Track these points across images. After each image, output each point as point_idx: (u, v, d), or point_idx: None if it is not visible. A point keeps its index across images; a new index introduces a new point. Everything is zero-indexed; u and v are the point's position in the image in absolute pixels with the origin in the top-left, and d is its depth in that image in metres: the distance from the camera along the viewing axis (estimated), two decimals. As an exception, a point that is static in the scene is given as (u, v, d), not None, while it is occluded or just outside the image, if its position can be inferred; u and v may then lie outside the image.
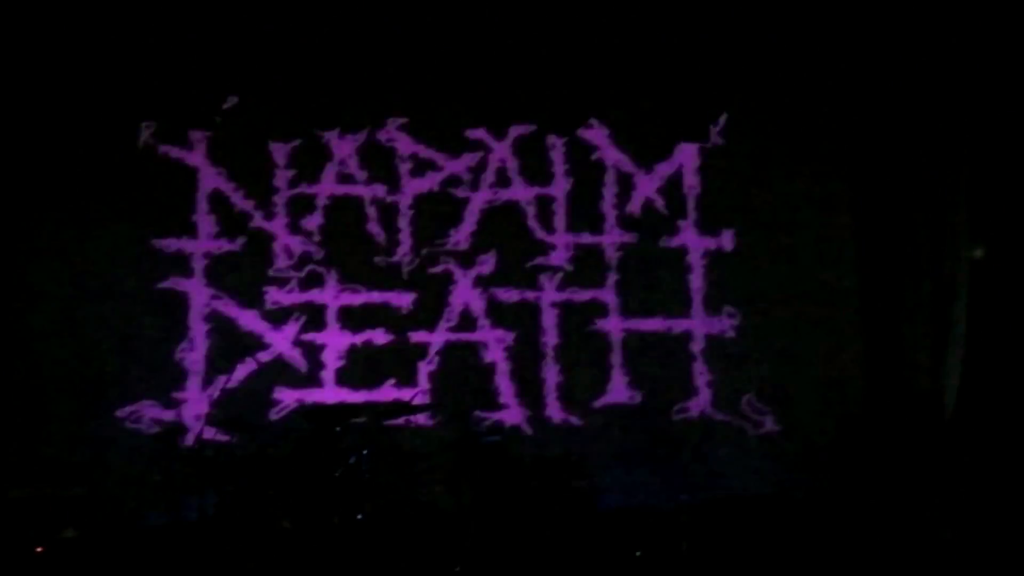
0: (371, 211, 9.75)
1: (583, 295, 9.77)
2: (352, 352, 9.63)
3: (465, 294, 9.73)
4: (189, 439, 8.89)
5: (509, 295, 9.74)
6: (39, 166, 9.53)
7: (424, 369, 9.62)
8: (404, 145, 9.83)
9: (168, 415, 9.34)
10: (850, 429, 9.35)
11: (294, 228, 9.70)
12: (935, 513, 8.23)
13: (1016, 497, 8.28)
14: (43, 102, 9.54)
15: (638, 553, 7.86)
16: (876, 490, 8.62)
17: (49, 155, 9.53)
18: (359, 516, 7.71)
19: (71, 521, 8.25)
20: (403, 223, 9.76)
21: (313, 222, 9.71)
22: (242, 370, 9.37)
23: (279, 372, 9.55)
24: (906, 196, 9.77)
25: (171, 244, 9.58)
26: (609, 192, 9.89)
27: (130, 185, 9.57)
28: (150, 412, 9.37)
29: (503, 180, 9.86)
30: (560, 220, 9.85)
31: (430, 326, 9.68)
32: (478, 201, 9.83)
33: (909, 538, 8.01)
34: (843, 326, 9.80)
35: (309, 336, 9.62)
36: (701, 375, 9.71)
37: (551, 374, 9.68)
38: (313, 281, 9.68)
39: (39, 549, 7.93)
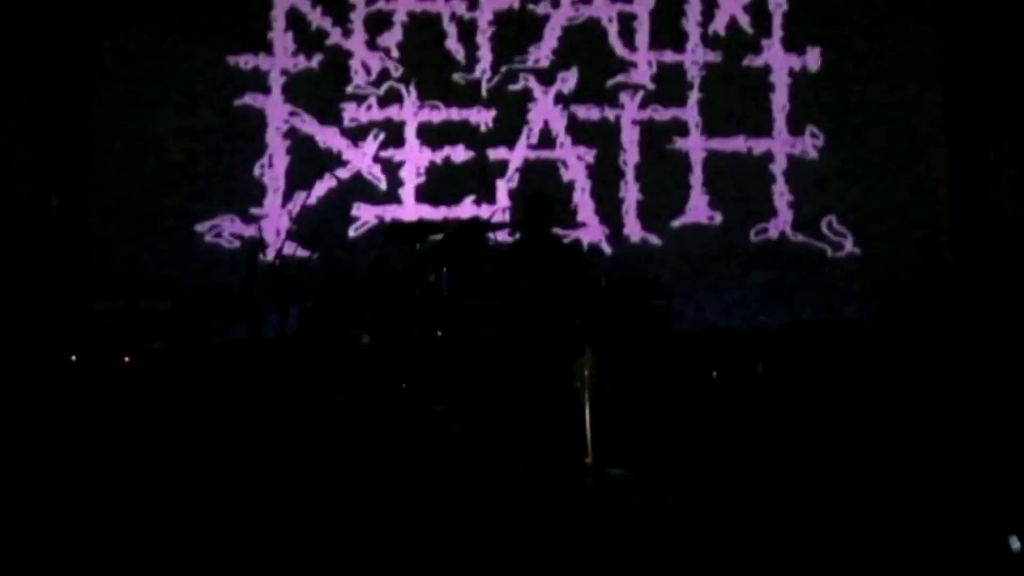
0: (450, 28, 9.63)
1: (664, 114, 9.63)
2: (431, 169, 9.60)
3: (545, 111, 9.62)
4: (269, 254, 9.00)
5: (589, 113, 9.63)
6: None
7: (503, 186, 9.59)
8: (484, -40, 9.68)
9: (248, 230, 9.35)
10: (931, 254, 9.25)
11: (372, 45, 9.61)
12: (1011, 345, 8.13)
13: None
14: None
15: (714, 373, 7.87)
16: (955, 318, 8.53)
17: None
18: (438, 333, 7.74)
19: (155, 334, 8.36)
20: (482, 39, 9.63)
21: (391, 39, 9.62)
22: (321, 187, 9.35)
23: (358, 189, 9.54)
24: (995, 15, 9.49)
25: (248, 61, 9.53)
26: (693, 9, 9.68)
27: (207, 3, 9.52)
28: (230, 227, 9.43)
29: (586, -4, 9.70)
30: (643, 38, 9.67)
31: (510, 143, 9.61)
32: (559, 18, 9.65)
33: (983, 369, 7.93)
34: (928, 149, 9.61)
35: (388, 153, 9.59)
36: (782, 196, 9.59)
37: (631, 193, 9.60)
38: (392, 98, 9.61)
39: (126, 360, 8.07)
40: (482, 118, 9.58)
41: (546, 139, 9.61)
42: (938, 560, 5.15)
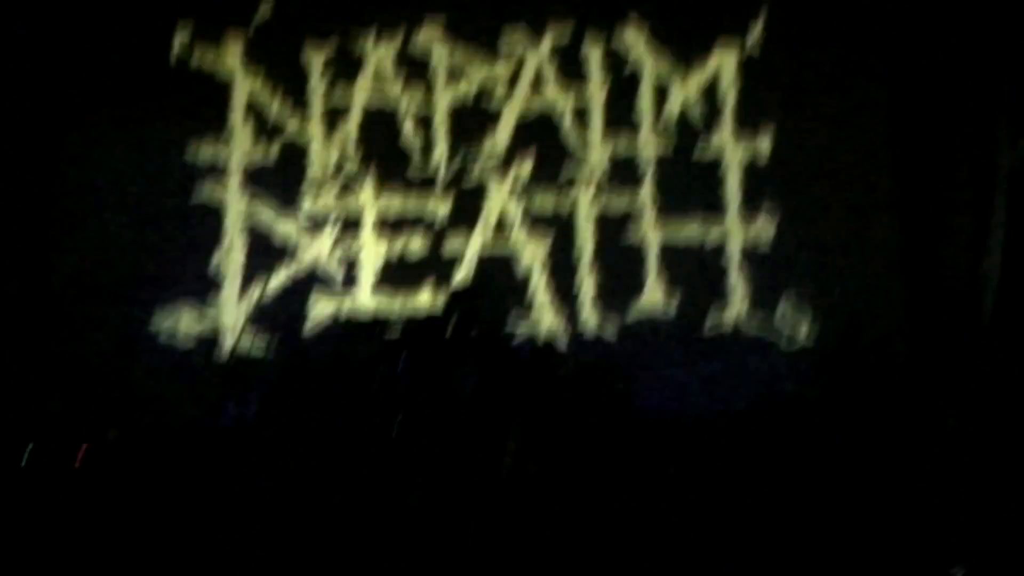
0: (406, 119, 9.72)
1: (619, 203, 9.72)
2: (388, 261, 9.64)
3: (500, 202, 9.71)
4: (225, 349, 9.00)
5: (544, 203, 9.71)
6: (72, 72, 9.53)
7: (460, 278, 9.61)
8: (440, 51, 9.77)
9: (204, 325, 9.39)
10: (888, 337, 9.31)
11: (329, 137, 9.69)
12: (970, 417, 8.19)
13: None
14: (75, 4, 9.54)
15: (672, 468, 7.88)
16: (913, 400, 8.60)
17: (82, 61, 9.54)
18: (394, 430, 7.72)
19: (109, 427, 8.33)
20: (438, 131, 9.72)
21: (348, 130, 9.70)
22: (278, 280, 9.41)
23: (315, 282, 9.58)
24: (946, 98, 9.60)
25: (206, 153, 9.59)
26: (645, 98, 9.80)
27: (165, 93, 9.57)
28: (186, 321, 9.43)
29: (539, 87, 9.79)
30: (596, 127, 9.79)
31: (465, 234, 9.68)
32: (514, 108, 9.77)
33: (944, 444, 8.00)
34: (880, 233, 9.63)
35: (345, 245, 9.64)
36: (736, 284, 9.64)
37: (586, 283, 9.65)
38: (349, 190, 9.68)
39: (80, 455, 8.02)
40: (438, 209, 9.64)
41: (502, 230, 9.67)
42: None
